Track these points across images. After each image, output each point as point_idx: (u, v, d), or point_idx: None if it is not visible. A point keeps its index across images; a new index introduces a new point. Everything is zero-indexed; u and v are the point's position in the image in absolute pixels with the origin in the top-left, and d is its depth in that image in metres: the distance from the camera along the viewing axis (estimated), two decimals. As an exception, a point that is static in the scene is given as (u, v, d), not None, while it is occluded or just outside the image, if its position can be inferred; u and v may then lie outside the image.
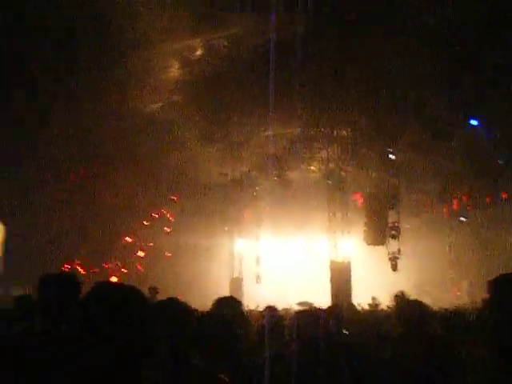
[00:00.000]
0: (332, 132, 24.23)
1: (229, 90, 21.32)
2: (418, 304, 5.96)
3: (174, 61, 21.27)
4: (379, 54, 19.08)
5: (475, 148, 23.36)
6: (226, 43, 20.21)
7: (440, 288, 30.92)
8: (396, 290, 11.03)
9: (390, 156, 23.53)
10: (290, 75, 18.38)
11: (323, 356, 5.21)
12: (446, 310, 11.73)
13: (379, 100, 21.82)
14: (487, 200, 28.04)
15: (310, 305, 14.96)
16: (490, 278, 4.28)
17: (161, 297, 12.08)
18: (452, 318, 7.55)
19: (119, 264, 31.08)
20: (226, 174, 28.86)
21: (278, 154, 25.99)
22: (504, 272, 4.66)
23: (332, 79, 19.82)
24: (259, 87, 19.48)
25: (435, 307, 11.90)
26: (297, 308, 15.07)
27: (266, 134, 25.21)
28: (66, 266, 27.63)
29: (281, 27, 17.76)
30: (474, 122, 22.08)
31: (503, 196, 27.45)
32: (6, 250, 25.32)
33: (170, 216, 32.69)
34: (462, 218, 29.09)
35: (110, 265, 30.82)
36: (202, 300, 6.95)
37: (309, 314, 5.71)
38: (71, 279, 4.38)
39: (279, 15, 16.97)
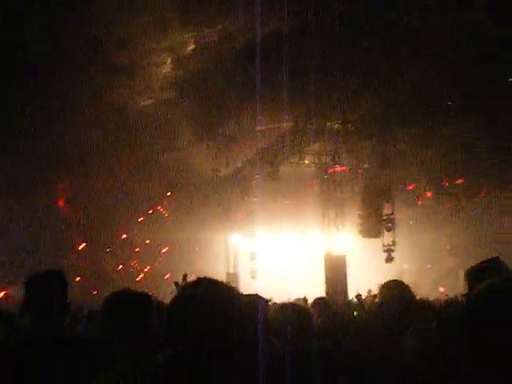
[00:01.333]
0: (324, 125, 24.13)
1: (220, 85, 21.25)
2: (400, 294, 5.85)
3: (165, 57, 21.20)
4: (371, 47, 19.02)
5: (467, 140, 23.41)
6: (216, 38, 20.13)
7: (437, 279, 30.98)
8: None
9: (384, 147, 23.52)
10: (281, 69, 18.29)
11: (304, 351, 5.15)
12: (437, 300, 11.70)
13: (372, 92, 21.78)
14: (482, 194, 28.27)
15: (306, 301, 14.94)
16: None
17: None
18: (440, 310, 7.44)
19: (116, 261, 31.09)
20: (219, 170, 28.76)
21: (270, 149, 25.89)
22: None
23: (323, 72, 19.74)
24: (250, 82, 19.43)
25: (431, 298, 11.92)
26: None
27: (258, 128, 25.12)
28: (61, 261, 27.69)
29: (270, 22, 17.71)
30: None
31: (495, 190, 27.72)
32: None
33: (165, 212, 32.66)
34: None
35: (108, 261, 30.83)
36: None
37: (290, 307, 5.62)
38: (59, 278, 4.31)
39: (268, 10, 16.90)
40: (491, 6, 16.78)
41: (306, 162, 26.94)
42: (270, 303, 6.12)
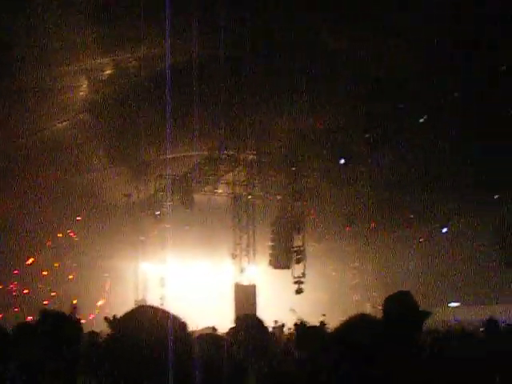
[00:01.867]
0: (238, 155, 24.26)
1: (135, 110, 21.16)
2: (317, 330, 5.97)
3: (81, 80, 21.00)
4: (283, 77, 19.22)
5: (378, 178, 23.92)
6: (134, 63, 20.06)
7: (344, 311, 31.34)
8: (301, 313, 11.10)
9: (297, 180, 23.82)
10: (195, 98, 18.34)
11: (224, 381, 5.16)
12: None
13: (286, 124, 22.00)
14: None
15: (215, 330, 14.93)
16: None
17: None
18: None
19: (21, 285, 30.43)
20: (130, 195, 28.46)
21: (184, 176, 25.81)
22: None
23: (238, 102, 19.89)
24: (164, 109, 19.41)
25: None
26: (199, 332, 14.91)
27: (172, 155, 25.06)
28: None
29: (186, 51, 17.78)
30: None
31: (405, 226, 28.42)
32: None
33: (76, 236, 32.17)
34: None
35: (13, 285, 30.19)
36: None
37: (209, 338, 5.64)
38: None
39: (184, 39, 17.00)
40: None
41: (220, 191, 26.96)
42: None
